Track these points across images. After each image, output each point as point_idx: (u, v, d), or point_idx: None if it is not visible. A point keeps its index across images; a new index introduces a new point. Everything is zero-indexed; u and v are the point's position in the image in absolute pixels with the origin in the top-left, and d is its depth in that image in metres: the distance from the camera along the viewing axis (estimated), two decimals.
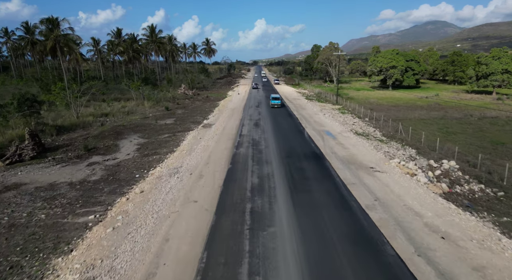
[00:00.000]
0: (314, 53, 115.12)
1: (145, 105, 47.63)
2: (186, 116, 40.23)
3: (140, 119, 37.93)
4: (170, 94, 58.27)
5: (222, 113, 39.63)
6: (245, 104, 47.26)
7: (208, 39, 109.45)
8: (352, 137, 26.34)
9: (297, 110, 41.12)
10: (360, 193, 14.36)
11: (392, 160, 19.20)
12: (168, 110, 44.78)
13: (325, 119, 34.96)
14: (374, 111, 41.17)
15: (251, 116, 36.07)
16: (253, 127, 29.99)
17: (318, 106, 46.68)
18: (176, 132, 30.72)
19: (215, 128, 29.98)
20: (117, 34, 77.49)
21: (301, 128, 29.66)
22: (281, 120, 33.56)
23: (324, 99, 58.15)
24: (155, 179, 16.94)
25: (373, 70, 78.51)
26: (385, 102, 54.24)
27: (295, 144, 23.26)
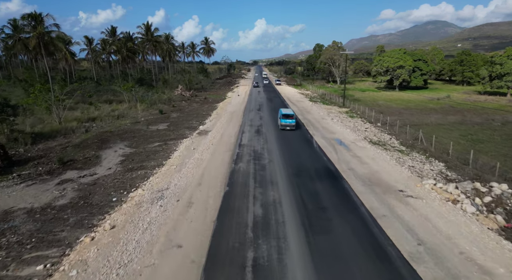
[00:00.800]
0: (316, 53, 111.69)
1: (137, 108, 44.23)
2: (181, 120, 36.86)
3: (130, 124, 34.57)
4: (166, 95, 54.88)
5: (220, 118, 36.24)
6: (245, 107, 43.87)
7: (207, 38, 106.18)
8: (368, 147, 22.93)
9: (302, 114, 37.72)
10: (396, 231, 10.97)
11: (426, 180, 15.78)
12: (162, 114, 41.41)
13: (334, 124, 31.55)
14: (385, 115, 37.80)
15: (252, 121, 32.68)
16: (254, 135, 26.58)
17: (324, 109, 43.29)
18: (168, 140, 27.34)
19: (212, 136, 26.58)
20: (112, 33, 74.11)
21: (308, 136, 26.26)
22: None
23: (329, 101, 54.75)
24: (133, 207, 13.56)
25: (379, 70, 75.08)
26: (395, 105, 50.84)
27: (303, 158, 19.87)
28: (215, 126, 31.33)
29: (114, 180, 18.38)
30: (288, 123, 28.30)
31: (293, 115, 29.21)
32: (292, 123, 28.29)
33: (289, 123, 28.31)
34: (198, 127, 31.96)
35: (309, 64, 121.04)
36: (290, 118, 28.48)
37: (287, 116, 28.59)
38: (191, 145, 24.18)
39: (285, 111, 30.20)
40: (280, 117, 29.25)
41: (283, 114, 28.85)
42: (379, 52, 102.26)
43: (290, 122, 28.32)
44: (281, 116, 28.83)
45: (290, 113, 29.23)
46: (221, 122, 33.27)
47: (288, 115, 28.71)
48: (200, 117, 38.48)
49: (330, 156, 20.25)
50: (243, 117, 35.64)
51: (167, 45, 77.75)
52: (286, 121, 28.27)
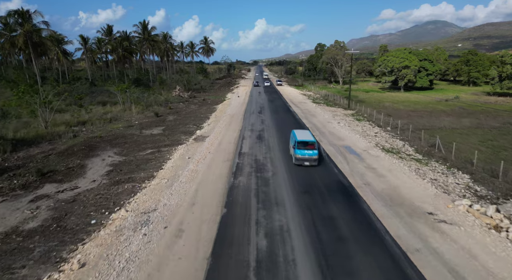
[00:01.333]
0: (318, 53, 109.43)
1: (132, 111, 42.00)
2: (178, 124, 34.63)
3: (123, 128, 32.34)
4: (163, 97, 52.67)
5: (219, 121, 33.99)
6: (246, 109, 41.62)
7: (206, 37, 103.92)
8: (382, 156, 20.66)
9: (306, 117, 35.45)
10: (437, 274, 8.72)
11: (458, 201, 13.52)
12: (157, 117, 39.18)
13: (342, 129, 29.28)
14: (394, 118, 35.55)
15: (253, 126, 30.42)
16: (255, 141, 24.31)
17: (328, 112, 41.03)
18: (162, 146, 25.10)
19: (209, 143, 24.31)
20: (108, 32, 71.84)
21: None
22: (290, 131, 27.89)
23: (333, 102, 52.48)
24: (112, 235, 11.31)
25: (384, 70, 72.82)
26: (402, 106, 48.57)
27: (311, 170, 17.60)
28: (213, 130, 29.07)
29: (97, 195, 16.14)
30: (307, 156, 17.75)
31: (314, 142, 18.41)
32: (313, 156, 17.81)
33: (309, 156, 17.76)
34: (195, 132, 29.72)
35: (310, 64, 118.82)
36: (310, 147, 17.98)
37: (306, 144, 18.01)
38: (186, 153, 21.92)
39: (301, 135, 19.03)
40: (294, 145, 18.49)
41: (298, 141, 18.07)
42: (382, 52, 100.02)
43: (310, 154, 17.75)
44: (296, 144, 18.12)
45: (310, 140, 18.33)
46: (219, 126, 31.02)
47: (307, 142, 18.08)
48: (198, 120, 36.24)
49: (342, 167, 17.99)
50: (243, 120, 33.38)
51: (165, 44, 75.50)
52: (304, 152, 17.76)
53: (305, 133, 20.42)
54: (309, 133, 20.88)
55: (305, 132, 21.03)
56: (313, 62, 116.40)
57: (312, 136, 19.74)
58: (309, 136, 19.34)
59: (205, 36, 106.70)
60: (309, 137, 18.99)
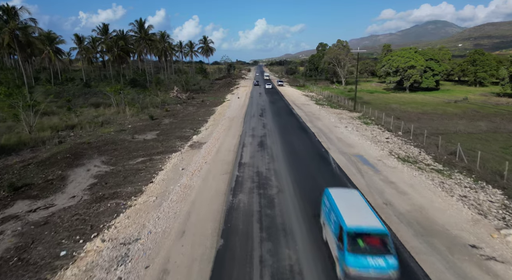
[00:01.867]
0: (320, 52, 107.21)
1: (126, 113, 39.75)
2: (173, 128, 32.39)
3: (114, 133, 30.09)
4: (160, 98, 50.40)
5: (217, 125, 31.73)
6: (246, 112, 39.35)
7: (205, 37, 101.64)
8: (400, 167, 18.40)
9: (311, 121, 33.16)
10: None
11: (504, 229, 11.24)
12: (152, 120, 36.94)
13: (350, 134, 27.01)
14: (403, 121, 33.33)
15: (254, 130, 28.15)
16: (257, 149, 22.04)
17: (333, 114, 38.76)
18: (154, 154, 22.87)
19: (206, 150, 22.05)
20: (104, 31, 69.64)
21: (323, 150, 21.71)
22: (294, 137, 25.62)
23: (337, 104, 50.22)
24: (79, 276, 9.05)
25: (388, 70, 70.56)
26: (410, 108, 46.30)
27: (322, 184, 15.34)
28: (211, 136, 26.81)
29: (73, 216, 13.90)
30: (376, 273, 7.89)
31: (386, 235, 8.26)
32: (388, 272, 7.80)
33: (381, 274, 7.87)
34: (191, 137, 27.46)
35: (311, 64, 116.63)
36: (377, 245, 8.14)
37: (369, 238, 8.25)
38: (180, 163, 19.66)
39: (351, 212, 9.09)
40: (339, 238, 8.54)
41: (351, 232, 8.23)
42: (385, 52, 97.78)
43: (382, 268, 7.79)
44: (347, 240, 8.15)
45: (377, 229, 8.33)
46: (218, 130, 28.76)
47: (372, 234, 8.30)
48: (195, 124, 33.99)
49: (356, 181, 15.73)
50: (243, 124, 31.11)
51: (163, 44, 73.21)
52: (368, 264, 7.83)
53: (356, 202, 9.96)
54: (364, 202, 10.02)
55: (354, 198, 10.39)
56: (314, 62, 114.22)
57: (374, 214, 9.22)
58: (370, 217, 8.99)
59: (205, 35, 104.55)
60: (372, 220, 8.79)
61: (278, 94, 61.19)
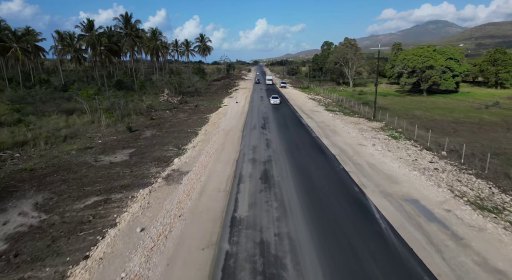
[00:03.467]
0: (324, 52, 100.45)
1: (101, 123, 33.05)
2: (153, 144, 25.72)
3: (76, 152, 23.41)
4: (146, 103, 43.73)
5: (208, 141, 25.00)
6: (245, 122, 32.60)
7: (202, 35, 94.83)
8: (482, 223, 11.63)
9: (326, 135, 26.37)
10: None
11: None
12: (131, 132, 30.28)
13: (384, 158, 20.20)
14: (436, 133, 26.68)
15: (255, 152, 21.34)
16: (259, 186, 15.24)
17: (350, 124, 32.04)
18: (115, 190, 16.23)
19: (186, 189, 15.30)
20: (88, 27, 62.93)
21: (356, 190, 14.90)
22: (309, 163, 18.81)
23: (350, 110, 43.52)
24: None
25: (403, 71, 63.82)
26: (437, 116, 39.59)
27: (372, 268, 8.61)
28: (198, 159, 20.06)
29: None
30: None
31: None
32: None
33: None
34: (172, 161, 20.75)
35: (315, 64, 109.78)
36: None
37: None
38: (143, 214, 12.93)
39: None
40: None
41: None
42: (396, 51, 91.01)
43: None
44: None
45: None
46: (208, 151, 22.00)
47: None
48: (182, 138, 27.31)
49: (435, 269, 8.98)
50: (241, 141, 24.32)
51: (154, 42, 66.47)
52: None
53: None
54: None
55: None
56: (318, 62, 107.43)
57: None
58: None
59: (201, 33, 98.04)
60: None
61: (282, 98, 54.41)
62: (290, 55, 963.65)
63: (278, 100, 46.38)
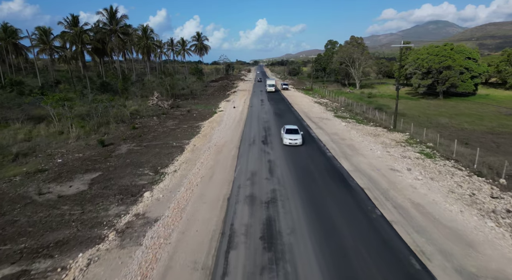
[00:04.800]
0: (328, 51, 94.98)
1: (70, 135, 27.58)
2: (126, 165, 20.31)
3: (20, 179, 18.15)
4: (129, 109, 38.27)
5: (195, 163, 19.54)
6: (243, 133, 27.12)
7: (199, 33, 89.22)
8: None
9: (345, 154, 20.83)
10: None
11: None
12: (104, 146, 24.85)
13: (433, 194, 14.64)
14: (475, 148, 21.23)
15: (255, 182, 15.81)
16: (261, 254, 9.77)
17: (369, 137, 26.59)
18: (42, 255, 10.80)
19: (147, 256, 9.83)
20: (73, 23, 57.45)
21: (415, 266, 9.36)
22: (330, 205, 13.30)
23: (363, 116, 38.12)
24: None
25: (416, 71, 58.35)
26: (466, 123, 34.15)
27: None
28: (175, 196, 14.58)
29: None
30: None
31: None
32: None
33: None
34: (141, 194, 15.31)
35: (318, 64, 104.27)
36: None
37: None
38: None
39: None
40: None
41: None
42: (405, 50, 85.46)
43: None
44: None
45: None
46: (191, 179, 16.52)
47: None
48: (163, 157, 21.87)
49: None
50: (236, 164, 18.80)
51: (145, 40, 60.97)
52: None
53: None
54: None
55: None
56: (321, 62, 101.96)
57: None
58: None
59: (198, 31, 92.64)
60: None
61: (284, 101, 48.99)
62: (290, 55, 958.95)
63: None
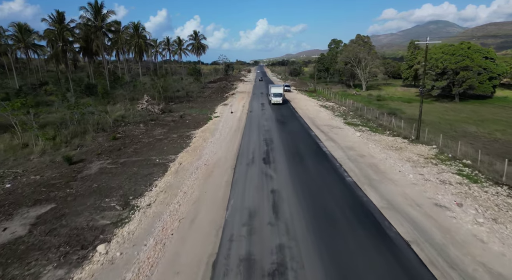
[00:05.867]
0: (332, 50, 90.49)
1: (34, 149, 23.16)
2: (90, 194, 15.90)
3: None
4: (112, 115, 33.84)
5: (176, 194, 15.05)
6: (240, 148, 22.65)
7: (196, 32, 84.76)
8: None
9: (369, 179, 16.30)
10: None
11: None
12: (70, 164, 20.44)
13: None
14: None
15: (253, 229, 11.29)
16: None
17: (391, 151, 22.13)
18: None
19: None
20: (58, 20, 53.03)
21: None
22: (369, 277, 8.88)
23: (376, 122, 33.72)
24: None
25: (430, 72, 53.84)
26: (497, 132, 29.69)
27: None
28: (139, 255, 10.09)
29: None
30: None
31: None
32: None
33: None
34: (94, 247, 10.84)
35: (321, 65, 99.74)
36: None
37: None
38: None
39: None
40: None
41: None
42: (413, 49, 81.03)
43: None
44: None
45: None
46: (166, 223, 12.04)
47: None
48: (140, 181, 17.42)
49: None
50: (230, 197, 14.25)
51: (137, 38, 56.51)
52: None
53: None
54: None
55: None
56: (324, 62, 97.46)
57: None
58: None
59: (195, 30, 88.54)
60: None
61: (287, 106, 44.53)
62: (290, 55, 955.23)
63: None
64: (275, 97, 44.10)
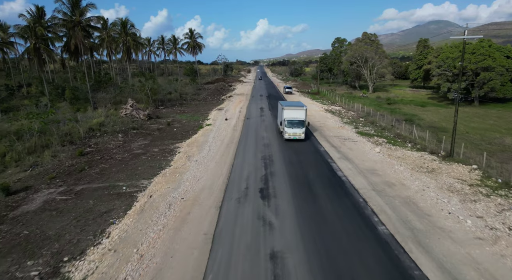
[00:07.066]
0: (336, 50, 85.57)
1: None
2: (10, 251, 10.85)
3: None
4: (89, 123, 28.94)
5: (130, 255, 10.13)
6: (231, 173, 17.68)
7: (191, 30, 79.69)
8: None
9: (411, 230, 11.30)
10: None
11: None
12: (7, 196, 15.57)
13: None
14: None
15: None
16: None
17: (423, 175, 17.26)
18: None
19: None
20: (37, 16, 48.23)
21: None
22: None
23: (393, 132, 28.91)
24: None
25: (446, 72, 48.94)
26: None
27: None
28: None
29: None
30: None
31: None
32: None
33: None
34: None
35: (323, 65, 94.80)
36: None
37: None
38: None
39: None
40: None
41: None
42: (422, 48, 76.13)
43: None
44: None
45: None
46: None
47: None
48: (89, 227, 12.56)
49: None
50: (207, 265, 9.43)
51: (124, 36, 51.59)
52: None
53: None
54: None
55: None
56: (327, 62, 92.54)
57: None
58: None
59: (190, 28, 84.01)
60: None
61: None
62: (291, 55, 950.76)
63: None
64: (293, 127, 23.62)
